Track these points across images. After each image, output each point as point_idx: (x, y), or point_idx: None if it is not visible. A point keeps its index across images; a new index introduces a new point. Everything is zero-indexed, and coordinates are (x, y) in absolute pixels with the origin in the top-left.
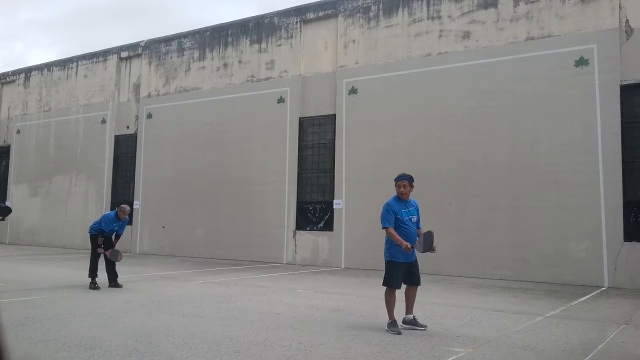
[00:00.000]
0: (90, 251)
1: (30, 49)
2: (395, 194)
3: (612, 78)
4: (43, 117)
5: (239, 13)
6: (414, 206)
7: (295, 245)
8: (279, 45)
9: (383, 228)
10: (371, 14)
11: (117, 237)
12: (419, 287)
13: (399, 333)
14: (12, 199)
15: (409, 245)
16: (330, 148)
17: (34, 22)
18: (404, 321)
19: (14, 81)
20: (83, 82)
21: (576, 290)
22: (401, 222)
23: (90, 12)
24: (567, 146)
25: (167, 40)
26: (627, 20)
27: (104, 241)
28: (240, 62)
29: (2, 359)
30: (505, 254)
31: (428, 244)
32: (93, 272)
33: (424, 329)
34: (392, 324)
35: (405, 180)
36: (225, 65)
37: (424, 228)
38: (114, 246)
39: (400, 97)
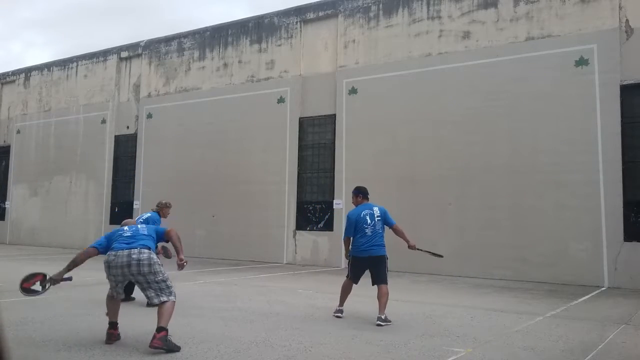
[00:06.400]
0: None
1: (27, 49)
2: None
3: (612, 78)
4: (43, 117)
5: (230, 12)
6: None
7: (295, 245)
8: (279, 45)
9: None
10: (371, 14)
11: None
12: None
13: None
14: (12, 199)
15: None
16: (330, 148)
17: (31, 21)
18: None
19: (14, 81)
20: (83, 82)
21: (576, 290)
22: None
23: (83, 11)
24: (567, 146)
25: (167, 40)
26: (627, 20)
27: None
28: (240, 62)
29: (2, 359)
30: (505, 254)
31: None
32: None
33: None
34: None
35: None
36: (225, 65)
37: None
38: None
39: (400, 97)
